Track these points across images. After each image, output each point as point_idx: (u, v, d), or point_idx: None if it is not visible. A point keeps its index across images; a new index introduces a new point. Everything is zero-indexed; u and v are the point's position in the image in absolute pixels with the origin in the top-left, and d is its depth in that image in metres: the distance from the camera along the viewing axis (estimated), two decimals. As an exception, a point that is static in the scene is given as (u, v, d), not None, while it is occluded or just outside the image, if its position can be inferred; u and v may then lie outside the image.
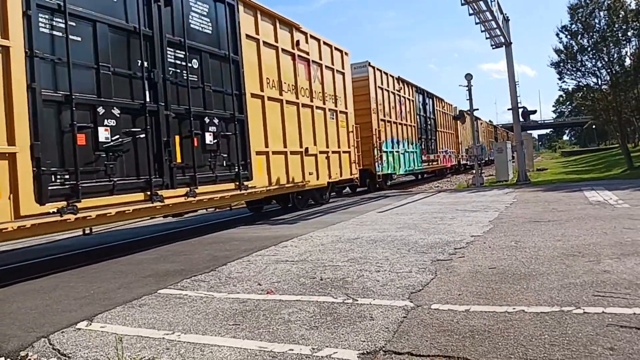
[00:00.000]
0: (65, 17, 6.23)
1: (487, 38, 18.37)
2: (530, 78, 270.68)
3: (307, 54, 12.39)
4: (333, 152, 13.46)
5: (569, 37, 24.18)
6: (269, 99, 10.59)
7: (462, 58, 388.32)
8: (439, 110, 27.40)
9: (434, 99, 26.39)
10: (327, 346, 3.04)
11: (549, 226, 7.01)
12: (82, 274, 6.00)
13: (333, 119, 13.68)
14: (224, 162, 9.09)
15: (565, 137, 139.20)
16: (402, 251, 5.89)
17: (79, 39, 6.48)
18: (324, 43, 13.41)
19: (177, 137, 8.03)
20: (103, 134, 6.67)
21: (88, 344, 3.37)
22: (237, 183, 9.35)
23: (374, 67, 18.24)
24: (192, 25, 8.58)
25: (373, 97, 17.92)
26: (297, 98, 11.80)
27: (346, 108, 14.62)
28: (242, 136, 9.62)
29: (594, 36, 23.03)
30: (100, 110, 6.66)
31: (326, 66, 13.42)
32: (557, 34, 24.62)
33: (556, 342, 2.83)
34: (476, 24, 17.10)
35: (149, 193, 7.32)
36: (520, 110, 18.84)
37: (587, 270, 4.36)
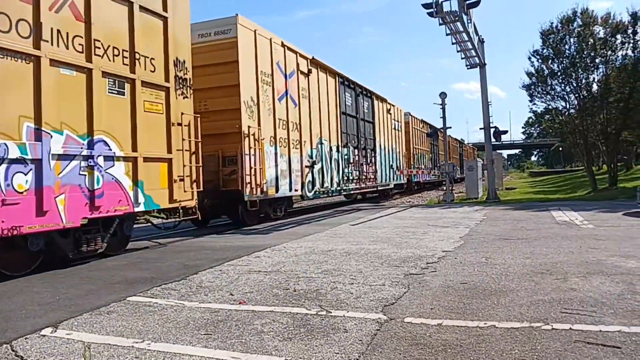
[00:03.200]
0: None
1: (462, 58, 18.83)
2: (501, 99, 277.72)
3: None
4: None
5: (540, 61, 24.92)
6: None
7: (435, 77, 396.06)
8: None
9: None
10: (300, 357, 3.02)
11: (518, 244, 7.17)
12: (47, 279, 5.82)
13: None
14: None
15: (533, 158, 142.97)
16: (376, 264, 5.92)
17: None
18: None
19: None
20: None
21: (53, 352, 3.26)
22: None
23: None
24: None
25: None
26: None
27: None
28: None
29: (564, 61, 23.75)
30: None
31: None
32: (529, 58, 25.36)
33: (526, 357, 2.88)
34: (452, 44, 17.50)
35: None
36: (492, 130, 19.30)
37: (555, 287, 4.47)
